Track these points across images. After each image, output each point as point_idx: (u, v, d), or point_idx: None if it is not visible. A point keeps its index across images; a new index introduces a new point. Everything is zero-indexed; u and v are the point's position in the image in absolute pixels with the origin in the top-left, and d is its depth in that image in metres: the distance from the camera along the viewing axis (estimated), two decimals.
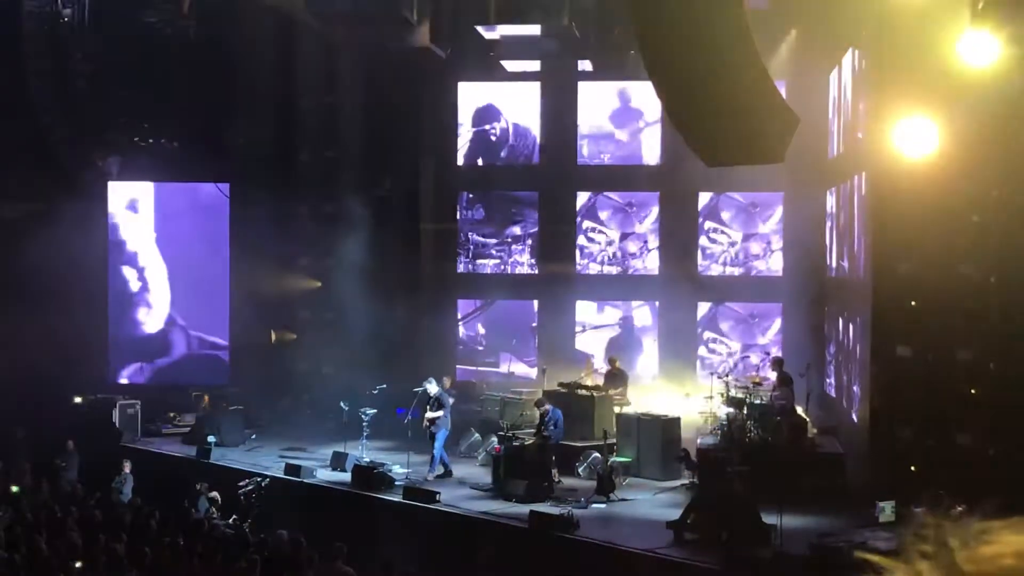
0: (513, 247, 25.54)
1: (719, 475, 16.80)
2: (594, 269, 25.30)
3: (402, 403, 20.02)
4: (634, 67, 22.77)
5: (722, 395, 19.30)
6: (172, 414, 23.03)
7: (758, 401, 18.88)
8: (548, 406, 18.71)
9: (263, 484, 18.64)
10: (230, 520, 17.51)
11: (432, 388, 19.37)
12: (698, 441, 19.20)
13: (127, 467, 19.45)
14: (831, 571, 13.42)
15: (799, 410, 19.35)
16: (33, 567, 13.16)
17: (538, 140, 25.51)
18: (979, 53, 11.71)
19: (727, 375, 19.90)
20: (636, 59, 11.42)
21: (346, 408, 20.26)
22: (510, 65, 25.18)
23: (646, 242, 25.21)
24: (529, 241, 25.63)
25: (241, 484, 18.67)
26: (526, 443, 18.34)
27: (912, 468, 15.75)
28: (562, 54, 24.38)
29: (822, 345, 23.07)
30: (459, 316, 25.75)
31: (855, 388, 19.66)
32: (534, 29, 23.80)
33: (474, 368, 25.10)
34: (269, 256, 23.54)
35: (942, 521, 2.50)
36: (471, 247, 25.71)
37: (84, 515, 15.60)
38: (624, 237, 25.29)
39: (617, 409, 20.08)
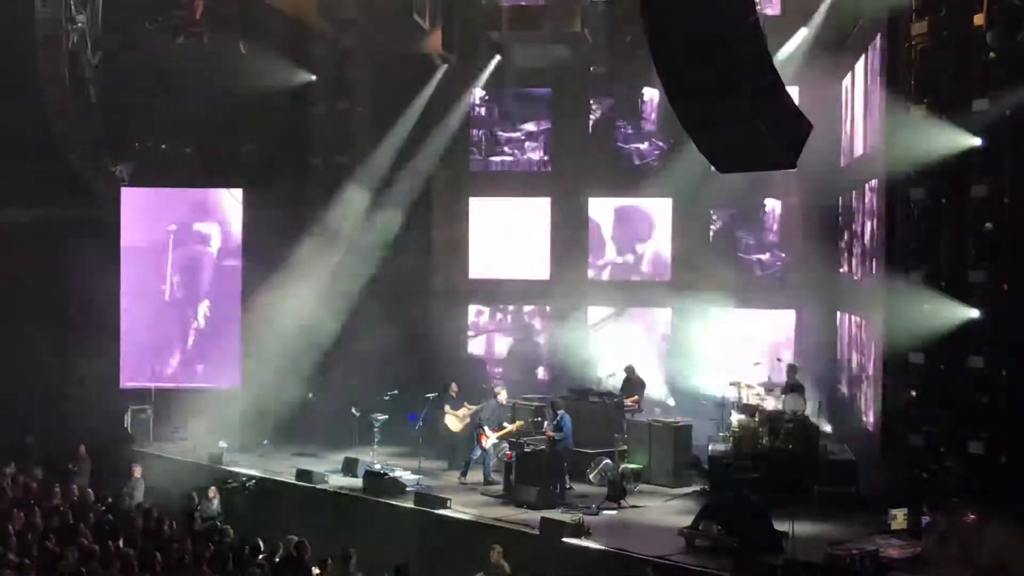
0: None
1: (731, 482, 16.81)
2: None
3: (413, 409, 20.04)
4: (646, 73, 22.87)
5: (734, 402, 19.30)
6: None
7: (770, 408, 18.88)
8: (561, 411, 18.78)
9: (247, 484, 18.74)
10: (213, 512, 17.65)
11: (504, 396, 19.99)
12: (709, 448, 19.19)
13: (137, 472, 19.48)
14: None
15: (811, 417, 19.32)
16: (45, 573, 13.19)
17: None
18: None
19: (739, 382, 19.88)
20: (648, 65, 11.39)
21: (357, 414, 20.28)
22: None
23: None
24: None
25: (227, 482, 18.77)
26: (537, 447, 18.42)
27: (924, 475, 15.71)
28: (574, 60, 24.40)
29: (835, 351, 23.02)
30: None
31: (867, 395, 19.63)
32: (546, 35, 23.86)
33: None
34: (281, 261, 23.55)
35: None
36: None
37: (96, 520, 15.63)
38: None
39: (628, 416, 20.07)
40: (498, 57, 24.82)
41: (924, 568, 13.53)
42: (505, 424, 19.64)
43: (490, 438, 19.29)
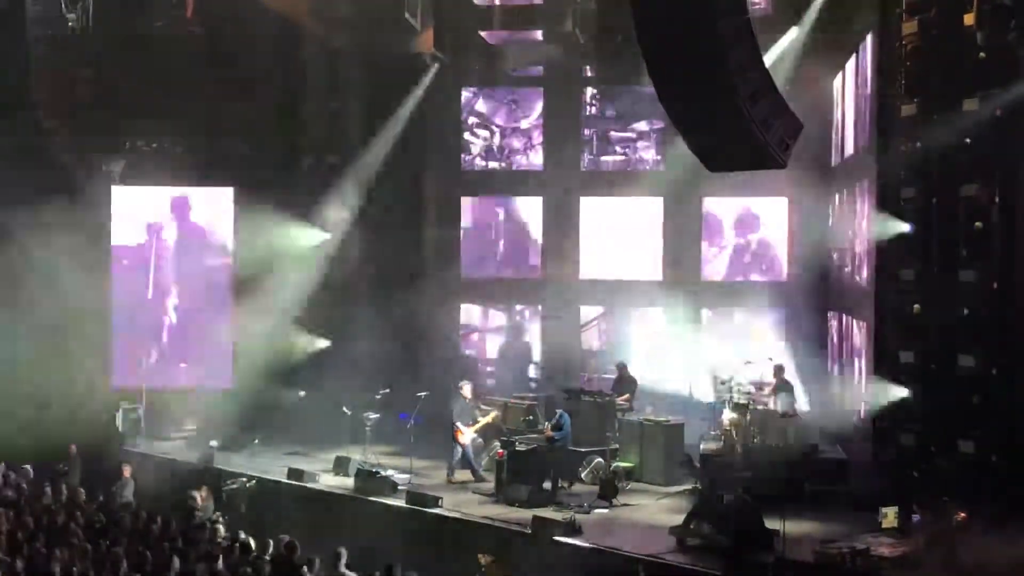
0: None
1: (722, 481, 16.82)
2: None
3: (405, 408, 20.02)
4: (637, 72, 22.89)
5: (726, 401, 19.31)
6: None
7: (760, 407, 18.90)
8: (560, 410, 18.76)
9: (247, 485, 18.71)
10: (213, 516, 17.60)
11: (468, 390, 19.84)
12: (701, 446, 19.21)
13: (127, 472, 19.44)
14: None
15: (801, 416, 19.36)
16: (35, 572, 13.16)
17: None
18: None
19: (731, 380, 19.89)
20: (639, 63, 11.42)
21: (349, 413, 20.26)
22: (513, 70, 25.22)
23: None
24: None
25: (227, 483, 18.75)
26: (533, 445, 18.42)
27: (915, 474, 15.75)
28: (565, 59, 24.39)
29: (826, 350, 23.04)
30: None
31: (858, 394, 19.65)
32: (537, 34, 23.87)
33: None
34: (272, 260, 23.53)
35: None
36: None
37: (86, 520, 15.59)
38: None
39: (620, 414, 20.07)
40: None
41: (911, 567, 13.55)
42: (479, 418, 19.64)
43: (465, 434, 19.29)
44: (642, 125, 25.12)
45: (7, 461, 19.35)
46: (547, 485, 18.03)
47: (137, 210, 24.20)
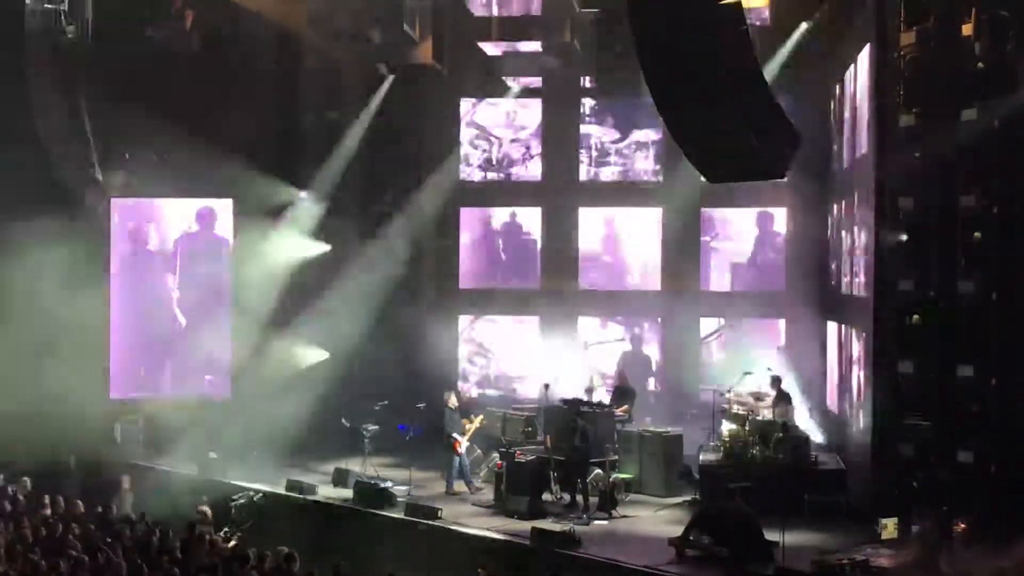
0: None
1: (721, 492, 16.81)
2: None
3: (403, 420, 20.01)
4: (636, 83, 22.90)
5: (724, 412, 19.30)
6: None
7: (759, 418, 18.89)
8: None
9: (255, 499, 18.67)
10: (221, 533, 17.51)
11: (453, 400, 19.76)
12: (700, 457, 19.20)
13: (126, 483, 19.40)
14: None
15: (800, 426, 19.35)
16: None
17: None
18: None
19: (729, 392, 19.88)
20: (638, 74, 11.43)
21: (348, 424, 20.23)
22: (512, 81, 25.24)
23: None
24: None
25: (234, 497, 18.70)
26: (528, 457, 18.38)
27: (914, 484, 15.73)
28: (564, 70, 24.42)
29: (824, 361, 23.02)
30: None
31: (857, 404, 19.63)
32: (536, 46, 23.89)
33: None
34: (271, 271, 23.52)
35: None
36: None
37: (84, 532, 15.57)
38: None
39: (619, 426, 20.04)
40: None
41: None
42: (467, 426, 19.61)
43: (462, 444, 19.27)
44: (641, 136, 25.15)
45: (5, 473, 19.33)
46: (557, 497, 18.03)
47: (136, 222, 24.21)
